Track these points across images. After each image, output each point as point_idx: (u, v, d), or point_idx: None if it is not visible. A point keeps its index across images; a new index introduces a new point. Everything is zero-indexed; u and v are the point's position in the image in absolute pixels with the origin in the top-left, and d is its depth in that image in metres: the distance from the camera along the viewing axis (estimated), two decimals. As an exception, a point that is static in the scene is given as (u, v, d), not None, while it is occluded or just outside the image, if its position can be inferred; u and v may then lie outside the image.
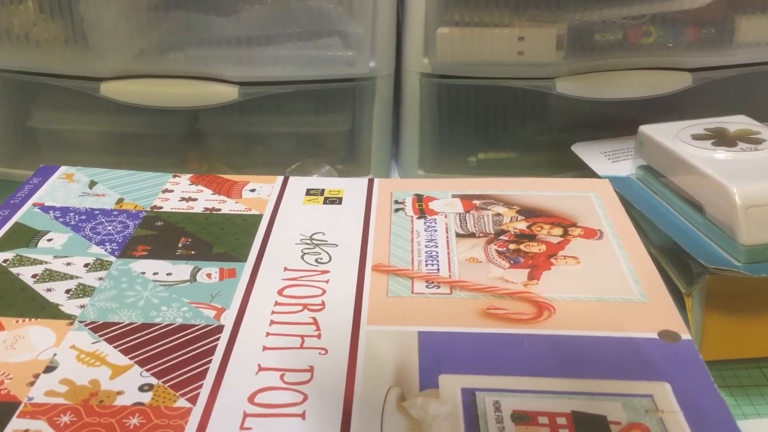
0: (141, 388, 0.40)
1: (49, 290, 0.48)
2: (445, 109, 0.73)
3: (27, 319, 0.45)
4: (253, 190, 0.61)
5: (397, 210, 0.58)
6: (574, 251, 0.52)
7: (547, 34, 0.67)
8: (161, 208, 0.58)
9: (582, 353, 0.42)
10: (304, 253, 0.52)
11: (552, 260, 0.51)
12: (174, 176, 0.63)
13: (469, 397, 0.39)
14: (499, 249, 0.52)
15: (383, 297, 0.47)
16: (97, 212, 0.57)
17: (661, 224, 0.57)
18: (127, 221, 0.56)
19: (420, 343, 0.43)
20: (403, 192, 0.61)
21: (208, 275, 0.50)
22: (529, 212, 0.57)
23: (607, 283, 0.48)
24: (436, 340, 0.43)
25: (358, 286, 0.48)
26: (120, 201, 0.59)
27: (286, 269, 0.51)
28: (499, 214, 0.57)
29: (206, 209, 0.58)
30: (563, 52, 0.68)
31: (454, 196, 0.59)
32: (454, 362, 0.42)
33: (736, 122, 0.63)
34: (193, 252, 0.52)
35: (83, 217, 0.57)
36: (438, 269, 0.50)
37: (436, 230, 0.55)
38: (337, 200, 0.60)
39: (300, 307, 0.46)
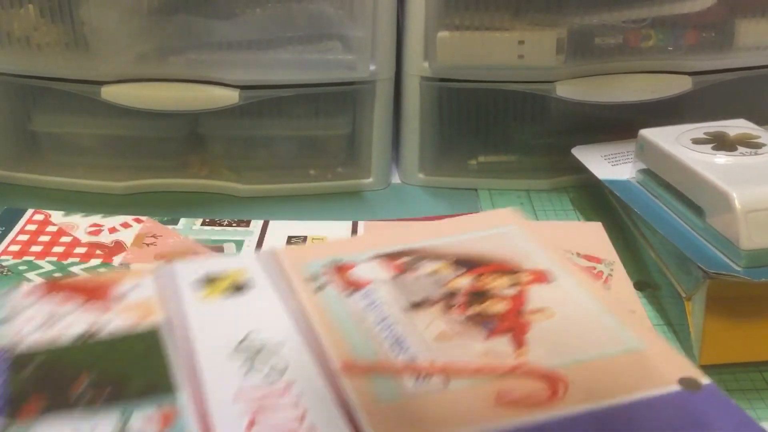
0: None
1: None
2: (445, 113, 0.73)
3: None
4: (126, 293, 0.51)
5: (320, 288, 0.52)
6: (539, 302, 0.50)
7: (548, 37, 0.67)
8: (21, 342, 0.46)
9: (621, 426, 0.39)
10: (250, 368, 0.43)
11: (524, 319, 0.48)
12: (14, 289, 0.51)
13: None
14: (462, 316, 0.49)
15: (376, 406, 0.41)
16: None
17: (661, 228, 0.57)
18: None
19: None
20: (313, 262, 0.55)
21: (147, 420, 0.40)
22: (464, 263, 0.55)
23: (594, 335, 0.47)
24: None
25: (339, 399, 0.41)
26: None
27: (236, 397, 0.41)
28: (435, 272, 0.54)
29: (84, 333, 0.47)
30: (563, 55, 0.68)
31: (373, 258, 0.56)
32: None
33: (736, 126, 0.63)
34: (104, 392, 0.42)
35: None
36: (412, 355, 0.45)
37: (378, 305, 0.50)
38: (242, 286, 0.52)
39: None
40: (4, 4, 0.66)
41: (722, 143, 0.60)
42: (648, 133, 0.63)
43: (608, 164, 0.68)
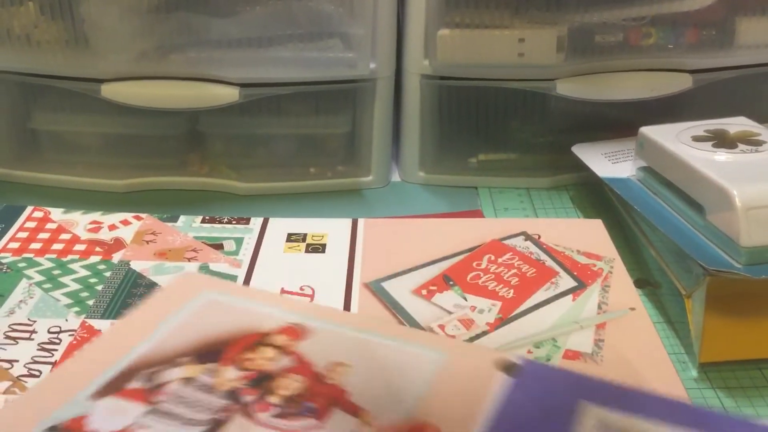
0: None
1: None
2: (445, 111, 0.73)
3: None
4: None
5: None
6: (321, 358, 0.46)
7: (548, 35, 0.68)
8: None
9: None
10: None
11: (331, 381, 0.45)
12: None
13: None
14: (272, 412, 0.42)
15: None
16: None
17: (661, 226, 0.57)
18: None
19: None
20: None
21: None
22: (207, 354, 0.47)
23: (407, 367, 0.46)
24: None
25: None
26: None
27: None
28: (189, 379, 0.45)
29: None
30: (563, 53, 0.68)
31: (92, 398, 0.43)
32: None
33: (736, 124, 0.64)
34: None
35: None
36: None
37: None
38: None
39: None
40: (5, 1, 0.66)
41: (722, 141, 0.60)
42: (648, 131, 0.63)
43: (608, 162, 0.69)
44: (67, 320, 0.53)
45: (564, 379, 0.44)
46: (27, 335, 0.51)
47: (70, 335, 0.52)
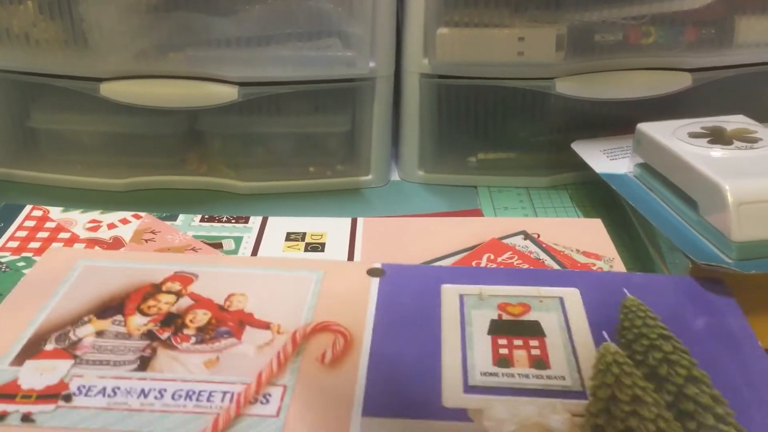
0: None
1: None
2: (445, 110, 0.74)
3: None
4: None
5: None
6: (217, 294, 0.53)
7: (547, 34, 0.68)
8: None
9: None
10: None
11: (236, 308, 0.51)
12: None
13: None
14: (192, 340, 0.48)
15: None
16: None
17: (654, 221, 0.58)
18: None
19: None
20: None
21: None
22: (109, 309, 0.51)
23: (292, 281, 0.54)
24: None
25: None
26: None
27: None
28: (101, 332, 0.49)
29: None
30: (563, 52, 0.69)
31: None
32: None
33: (734, 121, 0.64)
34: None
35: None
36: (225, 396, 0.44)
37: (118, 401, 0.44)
38: None
39: None
40: (3, 0, 0.67)
41: (719, 137, 0.61)
42: (645, 127, 0.64)
43: (606, 158, 0.70)
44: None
45: (424, 272, 0.54)
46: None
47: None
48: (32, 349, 0.47)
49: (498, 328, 0.47)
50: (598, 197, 0.72)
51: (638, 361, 0.44)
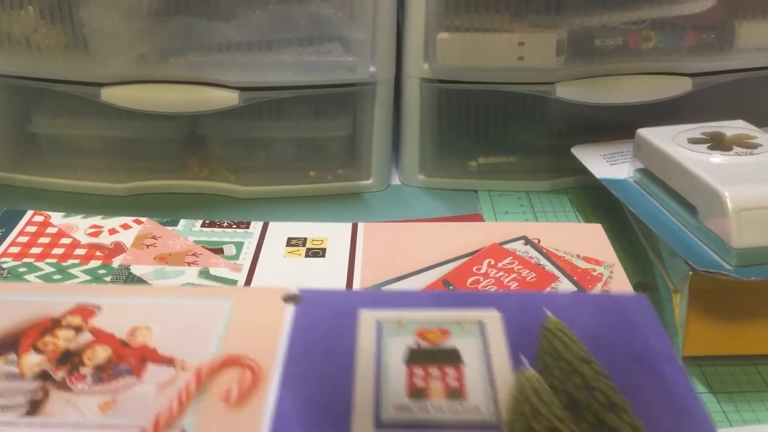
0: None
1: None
2: (445, 114, 0.75)
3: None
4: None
5: None
6: (120, 326, 0.50)
7: (547, 39, 0.69)
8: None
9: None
10: None
11: (137, 343, 0.49)
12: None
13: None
14: (87, 382, 0.45)
15: None
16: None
17: (654, 227, 0.58)
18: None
19: None
20: None
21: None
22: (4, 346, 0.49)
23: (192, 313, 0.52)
24: None
25: None
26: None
27: None
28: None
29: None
30: (563, 57, 0.70)
31: None
32: None
33: (734, 127, 0.65)
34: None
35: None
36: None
37: None
38: None
39: None
40: (4, 5, 0.67)
41: (718, 143, 0.61)
42: (645, 133, 0.65)
43: (606, 163, 0.70)
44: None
45: (341, 297, 0.53)
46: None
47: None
48: None
49: (415, 357, 0.46)
50: (599, 202, 0.73)
51: (557, 388, 0.43)
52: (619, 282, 0.59)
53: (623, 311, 0.51)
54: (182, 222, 0.68)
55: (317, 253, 0.63)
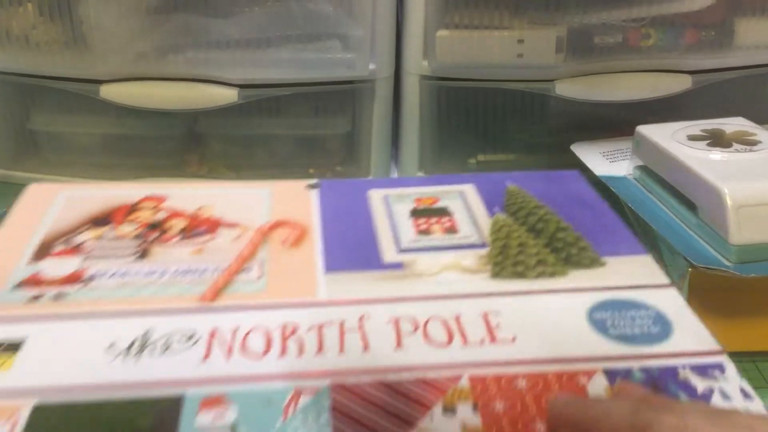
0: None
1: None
2: (444, 111, 0.75)
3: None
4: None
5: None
6: (192, 205, 0.59)
7: (547, 36, 0.69)
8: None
9: None
10: None
11: (208, 213, 0.58)
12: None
13: None
14: (174, 241, 0.55)
15: None
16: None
17: (654, 224, 0.59)
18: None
19: None
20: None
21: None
22: (100, 220, 0.57)
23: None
24: None
25: None
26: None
27: None
28: (99, 236, 0.55)
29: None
30: (563, 54, 0.70)
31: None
32: None
33: (733, 124, 0.65)
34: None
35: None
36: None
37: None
38: None
39: None
40: (4, 2, 0.67)
41: (718, 140, 0.62)
42: (644, 130, 0.65)
43: (606, 161, 0.70)
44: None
45: (352, 183, 0.63)
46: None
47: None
48: (43, 252, 0.52)
49: (417, 213, 0.58)
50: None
51: (521, 223, 0.56)
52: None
53: (561, 179, 0.62)
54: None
55: None
